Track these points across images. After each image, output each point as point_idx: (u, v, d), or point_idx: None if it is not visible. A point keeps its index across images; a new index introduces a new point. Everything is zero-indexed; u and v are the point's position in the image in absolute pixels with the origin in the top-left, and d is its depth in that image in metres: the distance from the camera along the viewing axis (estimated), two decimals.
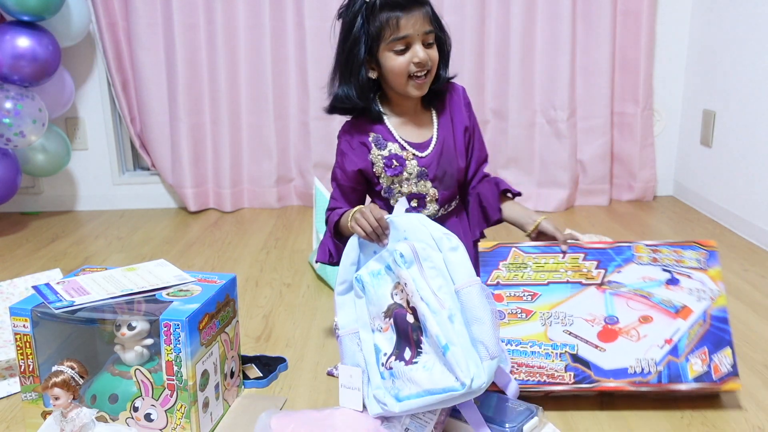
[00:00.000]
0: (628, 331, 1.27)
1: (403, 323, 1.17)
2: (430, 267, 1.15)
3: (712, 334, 1.29)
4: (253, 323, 1.72)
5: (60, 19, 2.45)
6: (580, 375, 1.25)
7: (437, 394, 1.09)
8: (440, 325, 1.11)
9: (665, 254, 1.33)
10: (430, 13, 1.37)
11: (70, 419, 1.07)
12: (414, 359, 1.14)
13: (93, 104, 2.82)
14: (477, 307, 1.12)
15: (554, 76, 2.71)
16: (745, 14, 2.36)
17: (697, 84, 2.74)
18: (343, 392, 1.23)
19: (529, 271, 1.29)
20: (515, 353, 1.25)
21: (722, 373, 1.27)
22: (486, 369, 1.09)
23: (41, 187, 2.90)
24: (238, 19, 2.66)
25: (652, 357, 1.26)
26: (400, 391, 1.14)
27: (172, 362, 1.13)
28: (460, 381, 1.07)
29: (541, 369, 1.24)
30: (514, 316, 1.26)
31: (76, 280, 1.26)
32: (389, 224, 1.24)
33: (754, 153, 2.31)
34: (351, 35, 1.37)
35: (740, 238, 2.35)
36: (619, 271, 1.31)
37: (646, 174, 2.85)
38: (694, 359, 1.27)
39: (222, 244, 2.41)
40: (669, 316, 1.29)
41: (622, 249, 1.33)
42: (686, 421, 1.26)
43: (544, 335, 1.26)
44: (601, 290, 1.30)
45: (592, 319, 1.28)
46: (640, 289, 1.30)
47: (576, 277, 1.30)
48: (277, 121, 2.79)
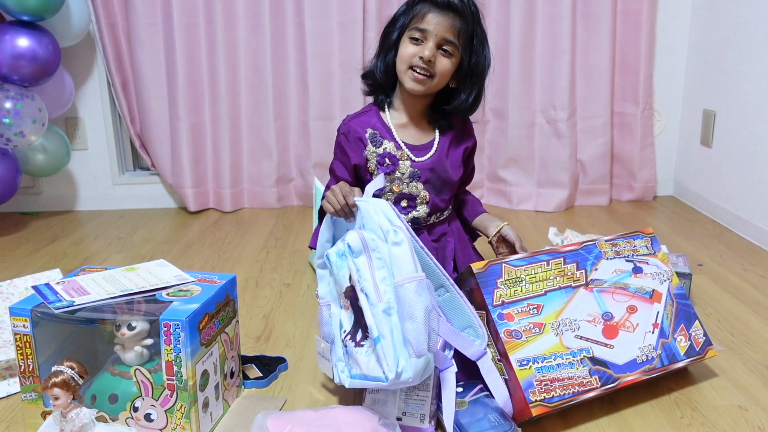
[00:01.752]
0: (624, 323, 1.32)
1: (356, 307, 1.21)
2: (378, 257, 1.18)
3: (681, 312, 1.38)
4: (253, 323, 1.72)
5: (60, 19, 2.45)
6: (603, 376, 1.25)
7: (370, 381, 1.16)
8: (375, 317, 1.14)
9: (622, 246, 1.40)
10: (461, 27, 1.38)
11: (70, 419, 1.07)
12: (362, 342, 1.20)
13: (93, 104, 2.82)
14: (411, 304, 1.14)
15: (554, 76, 2.71)
16: (745, 14, 2.36)
17: (697, 84, 2.74)
18: (319, 359, 1.33)
19: (525, 284, 1.28)
20: (544, 370, 1.22)
21: (700, 344, 1.37)
22: (412, 366, 1.12)
23: (41, 187, 2.90)
24: (238, 19, 2.66)
25: (649, 343, 1.32)
26: (351, 369, 1.22)
27: (172, 362, 1.13)
28: (385, 374, 1.12)
29: (570, 379, 1.23)
30: (529, 332, 1.24)
31: (76, 280, 1.26)
32: (356, 205, 1.26)
33: (754, 153, 2.31)
34: (395, 17, 1.45)
35: (740, 238, 2.35)
36: (596, 269, 1.35)
37: (646, 174, 2.85)
38: (678, 337, 1.35)
39: (222, 244, 2.41)
40: (647, 302, 1.36)
41: (589, 248, 1.37)
42: (686, 421, 1.26)
43: (561, 345, 1.25)
44: (589, 290, 1.33)
45: (592, 319, 1.30)
46: (617, 282, 1.36)
47: (565, 282, 1.31)
48: (277, 121, 2.79)
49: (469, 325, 1.34)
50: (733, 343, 1.57)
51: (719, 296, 1.84)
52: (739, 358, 1.50)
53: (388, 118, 1.49)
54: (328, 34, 2.68)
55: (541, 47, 2.70)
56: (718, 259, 2.13)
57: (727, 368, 1.45)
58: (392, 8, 2.65)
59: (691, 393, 1.35)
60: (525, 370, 1.21)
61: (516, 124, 2.76)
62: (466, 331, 1.34)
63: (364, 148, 1.48)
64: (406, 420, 1.20)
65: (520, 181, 2.81)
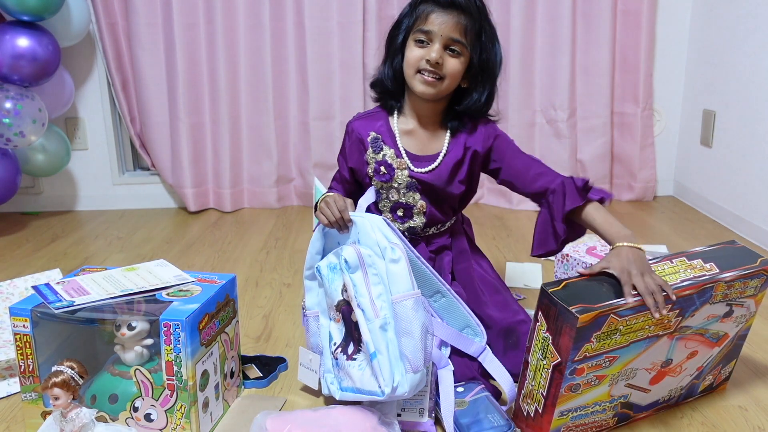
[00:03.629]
0: (675, 369, 1.22)
1: (348, 320, 1.21)
2: (374, 274, 1.18)
3: (731, 352, 1.30)
4: (253, 323, 1.72)
5: (60, 19, 2.45)
6: (622, 417, 1.22)
7: (364, 394, 1.16)
8: (372, 333, 1.14)
9: (736, 288, 1.19)
10: (467, 24, 1.33)
11: (70, 419, 1.07)
12: (354, 356, 1.20)
13: (93, 104, 2.82)
14: (408, 321, 1.14)
15: (554, 76, 2.71)
16: (745, 14, 2.36)
17: (697, 84, 2.74)
18: (301, 370, 1.33)
19: (617, 336, 1.09)
20: (577, 419, 1.15)
21: (721, 379, 1.34)
22: (408, 381, 1.13)
23: (41, 187, 2.90)
24: (238, 19, 2.66)
25: (681, 385, 1.26)
26: (342, 381, 1.22)
27: (172, 362, 1.13)
28: (381, 389, 1.12)
29: (593, 423, 1.19)
30: (588, 385, 1.12)
31: (76, 280, 1.26)
32: (351, 219, 1.27)
33: (754, 153, 2.31)
34: (398, 20, 1.40)
35: (740, 238, 2.35)
36: (693, 315, 1.16)
37: (646, 174, 2.85)
38: (708, 377, 1.30)
39: (222, 244, 2.41)
40: (709, 346, 1.23)
41: (705, 291, 1.15)
42: (686, 421, 1.26)
43: (608, 394, 1.16)
44: (671, 338, 1.16)
45: (652, 366, 1.18)
46: (701, 328, 1.19)
47: (655, 331, 1.12)
48: (277, 121, 2.79)
49: (466, 325, 1.34)
50: None
51: None
52: (740, 358, 1.49)
53: (395, 123, 1.43)
54: (328, 34, 2.68)
55: (541, 47, 2.70)
56: None
57: None
58: (392, 8, 2.66)
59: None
60: (561, 419, 1.14)
61: (516, 124, 2.76)
62: (464, 331, 1.34)
63: (364, 151, 1.45)
64: (405, 415, 1.21)
65: None
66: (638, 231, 2.44)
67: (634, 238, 1.21)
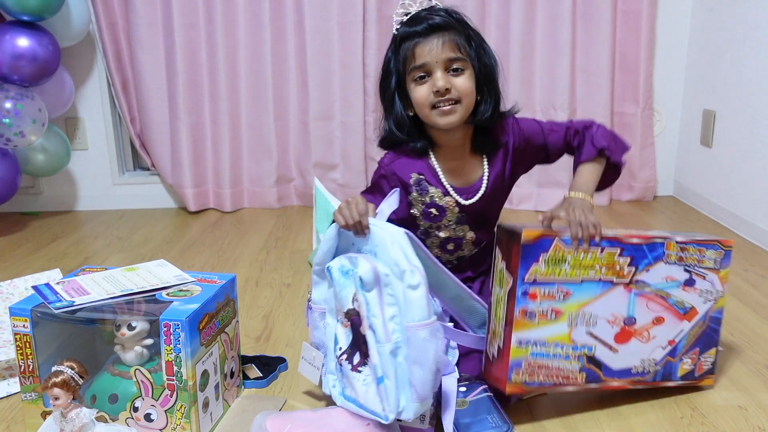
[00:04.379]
0: (641, 332, 1.26)
1: (357, 331, 1.16)
2: (389, 294, 1.12)
3: (706, 336, 1.32)
4: (253, 323, 1.72)
5: (60, 19, 2.45)
6: (591, 375, 1.24)
7: (366, 412, 1.14)
8: (381, 356, 1.10)
9: (690, 253, 1.27)
10: (456, 39, 1.26)
11: (70, 419, 1.07)
12: (359, 368, 1.16)
13: (93, 104, 2.82)
14: (421, 350, 1.10)
15: (554, 76, 2.71)
16: (745, 14, 2.36)
17: (697, 84, 2.74)
18: (303, 363, 1.30)
19: (566, 267, 1.18)
20: (538, 355, 1.19)
21: (703, 371, 1.34)
22: (413, 408, 1.11)
23: (41, 187, 2.90)
24: (238, 19, 2.66)
25: (654, 357, 1.28)
26: (344, 388, 1.20)
27: (172, 362, 1.13)
28: (385, 414, 1.10)
29: (558, 370, 1.21)
30: (544, 316, 1.18)
31: (76, 280, 1.26)
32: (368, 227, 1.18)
33: (754, 153, 2.31)
34: (384, 70, 1.33)
35: (740, 238, 2.35)
36: (647, 270, 1.24)
37: (646, 174, 2.85)
38: (686, 359, 1.31)
39: (222, 244, 2.41)
40: (678, 317, 1.28)
41: (655, 246, 1.24)
42: (686, 422, 1.26)
43: (568, 337, 1.20)
44: (628, 290, 1.23)
45: (613, 320, 1.23)
46: (661, 290, 1.26)
47: (608, 275, 1.21)
48: (277, 121, 2.79)
49: (483, 321, 1.33)
50: (733, 343, 1.56)
51: None
52: (739, 359, 1.49)
53: (434, 161, 1.36)
54: (328, 34, 2.68)
55: (541, 47, 2.70)
56: None
57: (727, 368, 1.45)
58: (392, 8, 2.65)
59: (691, 393, 1.35)
60: (520, 350, 1.18)
61: None
62: (482, 329, 1.33)
63: (407, 195, 1.37)
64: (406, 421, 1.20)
65: (520, 181, 2.75)
66: None
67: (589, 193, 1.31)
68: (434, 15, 1.27)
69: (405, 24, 1.29)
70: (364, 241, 1.19)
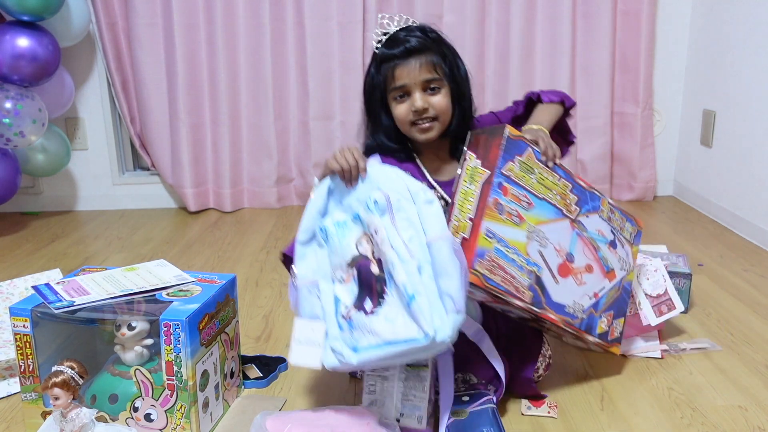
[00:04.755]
0: (576, 273, 1.33)
1: (367, 274, 1.16)
2: (403, 218, 1.15)
3: (618, 302, 1.40)
4: (253, 323, 1.72)
5: (60, 19, 2.45)
6: (536, 297, 1.27)
7: (398, 345, 1.09)
8: (408, 274, 1.10)
9: (616, 217, 1.41)
10: (434, 60, 1.33)
11: (70, 419, 1.07)
12: (374, 309, 1.14)
13: (93, 104, 2.82)
14: (447, 261, 1.11)
15: (554, 76, 2.71)
16: (745, 14, 2.36)
17: (697, 84, 2.74)
18: (297, 349, 1.18)
19: (533, 179, 1.26)
20: (499, 253, 1.21)
21: (614, 337, 1.40)
22: (450, 322, 1.09)
23: (41, 187, 2.90)
24: (238, 19, 2.66)
25: (582, 303, 1.34)
26: (358, 341, 1.14)
27: (172, 362, 1.13)
28: (424, 331, 1.07)
29: (513, 279, 1.23)
30: (510, 216, 1.23)
31: (76, 280, 1.26)
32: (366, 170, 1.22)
33: (754, 153, 2.31)
34: (368, 86, 1.39)
35: (740, 238, 2.35)
36: (587, 216, 1.34)
37: (646, 174, 2.85)
38: (603, 318, 1.38)
39: (222, 244, 2.41)
40: (602, 273, 1.37)
41: (594, 196, 1.36)
42: (686, 422, 1.26)
43: (524, 247, 1.25)
44: (572, 226, 1.32)
45: (560, 249, 1.30)
46: (594, 240, 1.35)
47: (561, 204, 1.30)
48: (277, 121, 2.79)
49: None
50: (733, 343, 1.57)
51: (719, 296, 1.84)
52: (739, 358, 1.50)
53: (420, 163, 1.42)
54: (328, 34, 2.68)
55: (541, 47, 2.70)
56: (718, 259, 2.13)
57: (727, 368, 1.45)
58: (392, 8, 2.66)
59: (691, 393, 1.35)
60: (487, 241, 1.20)
61: None
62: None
63: None
64: (404, 421, 1.20)
65: None
66: None
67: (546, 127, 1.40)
68: (411, 36, 1.33)
69: (384, 45, 1.34)
70: (360, 189, 1.21)
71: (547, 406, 1.29)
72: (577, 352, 1.53)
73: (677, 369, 1.45)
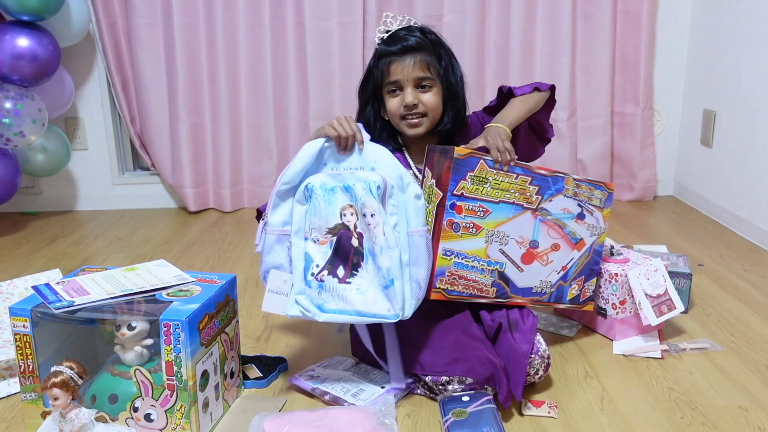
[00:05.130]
0: (542, 255, 1.41)
1: (346, 245, 1.26)
2: (392, 204, 1.26)
3: (589, 266, 1.50)
4: (253, 323, 1.72)
5: (60, 19, 2.45)
6: (500, 290, 1.38)
7: (367, 317, 1.24)
8: (392, 260, 1.23)
9: (583, 190, 1.45)
10: (427, 59, 1.40)
11: (70, 419, 1.07)
12: (347, 279, 1.26)
13: (93, 104, 2.82)
14: (421, 253, 1.26)
15: (554, 76, 2.71)
16: (745, 14, 2.36)
17: (697, 84, 2.74)
18: (269, 297, 1.28)
19: (488, 187, 1.32)
20: (459, 266, 1.33)
21: (586, 297, 1.51)
22: (411, 306, 1.26)
23: (41, 187, 2.90)
24: (238, 19, 2.66)
25: (550, 280, 1.44)
26: (325, 303, 1.26)
27: (172, 362, 1.13)
28: (394, 312, 1.23)
29: (475, 282, 1.35)
30: (466, 230, 1.32)
31: (75, 280, 1.26)
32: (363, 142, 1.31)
33: (754, 153, 2.31)
34: (364, 77, 1.48)
35: (740, 238, 2.35)
36: (550, 200, 1.40)
37: (646, 174, 2.85)
38: (573, 285, 1.48)
39: (222, 244, 2.41)
40: (570, 246, 1.45)
41: (557, 179, 1.40)
42: (686, 422, 1.26)
43: (484, 252, 1.34)
44: (534, 216, 1.39)
45: (521, 241, 1.38)
46: (559, 220, 1.42)
47: (520, 200, 1.36)
48: (277, 121, 2.79)
49: None
50: (733, 343, 1.57)
51: (719, 296, 1.84)
52: (739, 358, 1.50)
53: (407, 155, 1.50)
54: (328, 34, 2.68)
55: (541, 47, 2.70)
56: (718, 259, 2.13)
57: (727, 368, 1.45)
58: (392, 8, 2.66)
59: (691, 393, 1.35)
60: (445, 260, 1.31)
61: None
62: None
63: None
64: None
65: None
66: (638, 231, 2.44)
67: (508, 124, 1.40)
68: (410, 36, 1.40)
69: (384, 42, 1.42)
70: (352, 159, 1.30)
71: (547, 406, 1.29)
72: (577, 352, 1.53)
73: (677, 369, 1.45)
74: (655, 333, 1.58)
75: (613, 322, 1.55)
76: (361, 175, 1.26)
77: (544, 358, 1.32)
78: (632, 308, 1.55)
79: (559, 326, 1.65)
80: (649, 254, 1.67)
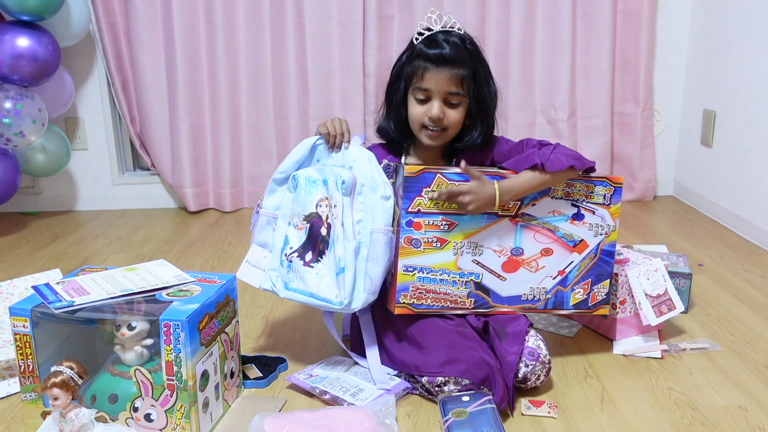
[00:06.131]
0: (530, 262, 1.37)
1: (316, 232, 1.36)
2: (360, 202, 1.33)
3: (598, 267, 1.41)
4: (253, 323, 1.72)
5: (60, 19, 2.45)
6: (479, 301, 1.36)
7: (317, 300, 1.34)
8: (345, 251, 1.31)
9: (577, 189, 1.37)
10: (463, 75, 1.37)
11: (69, 419, 1.07)
12: (311, 263, 1.36)
13: (93, 104, 2.82)
14: (379, 251, 1.31)
15: (554, 76, 2.71)
16: (745, 14, 2.36)
17: (697, 84, 2.74)
18: (245, 267, 1.43)
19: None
20: (425, 280, 1.33)
21: (597, 301, 1.42)
22: (363, 298, 1.32)
23: (41, 187, 2.90)
24: (238, 19, 2.66)
25: (544, 286, 1.38)
26: (290, 282, 1.38)
27: (172, 362, 1.13)
28: (339, 299, 1.31)
29: (446, 295, 1.34)
30: (429, 245, 1.31)
31: (75, 280, 1.26)
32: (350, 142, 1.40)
33: (754, 153, 2.31)
34: (397, 71, 1.45)
35: (740, 238, 2.35)
36: (533, 204, 1.35)
37: (646, 174, 2.85)
38: (577, 289, 1.40)
39: (222, 244, 2.41)
40: (567, 249, 1.38)
41: None
42: (686, 422, 1.26)
43: (454, 264, 1.33)
44: (514, 222, 1.35)
45: (500, 250, 1.35)
46: (548, 223, 1.37)
47: (492, 209, 1.32)
48: (277, 121, 2.79)
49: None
50: (733, 343, 1.57)
51: (719, 296, 1.84)
52: (739, 358, 1.50)
53: (404, 160, 1.50)
54: (328, 34, 2.68)
55: (541, 47, 2.70)
56: (718, 259, 2.13)
57: (727, 368, 1.45)
58: (392, 8, 2.66)
59: (691, 393, 1.35)
60: (407, 275, 1.32)
61: (516, 124, 2.76)
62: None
63: None
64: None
65: None
66: (638, 231, 2.44)
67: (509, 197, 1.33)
68: (449, 44, 1.37)
69: (423, 41, 1.39)
70: (337, 157, 1.39)
71: (547, 406, 1.29)
72: (578, 352, 1.53)
73: (677, 369, 1.45)
74: (655, 333, 1.58)
75: (613, 322, 1.55)
76: (337, 171, 1.35)
77: (545, 364, 1.31)
78: (632, 308, 1.54)
79: (559, 326, 1.65)
80: (649, 254, 1.66)
